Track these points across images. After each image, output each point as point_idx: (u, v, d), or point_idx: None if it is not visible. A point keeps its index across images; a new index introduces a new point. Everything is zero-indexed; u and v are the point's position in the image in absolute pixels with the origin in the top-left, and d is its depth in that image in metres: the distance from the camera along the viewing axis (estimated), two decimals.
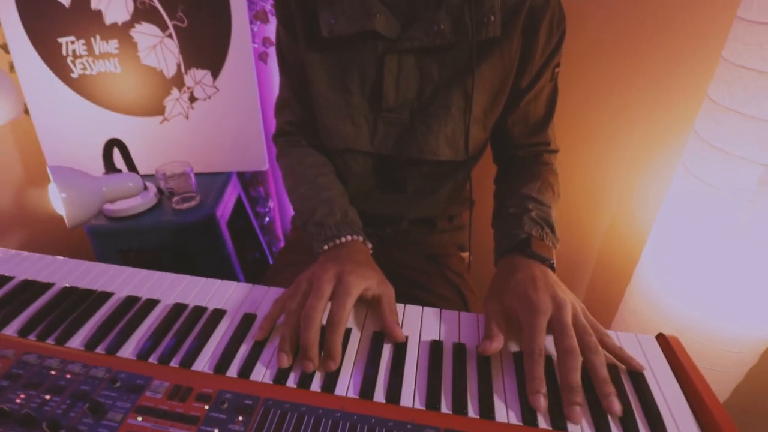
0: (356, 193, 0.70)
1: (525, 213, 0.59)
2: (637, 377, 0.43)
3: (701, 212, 0.67)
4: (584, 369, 0.42)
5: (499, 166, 0.76)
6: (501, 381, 0.42)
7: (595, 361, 0.41)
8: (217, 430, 0.36)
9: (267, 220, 1.40)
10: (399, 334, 0.46)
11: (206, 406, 0.38)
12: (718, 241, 0.65)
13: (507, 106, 0.66)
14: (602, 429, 0.38)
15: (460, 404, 0.39)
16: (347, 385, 0.41)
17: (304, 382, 0.41)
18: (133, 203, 0.98)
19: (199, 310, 0.49)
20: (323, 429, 0.36)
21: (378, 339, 0.46)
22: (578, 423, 0.38)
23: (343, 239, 0.56)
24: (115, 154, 1.02)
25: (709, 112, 0.63)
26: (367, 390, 0.40)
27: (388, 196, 0.73)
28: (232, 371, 0.42)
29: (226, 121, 1.12)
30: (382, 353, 0.45)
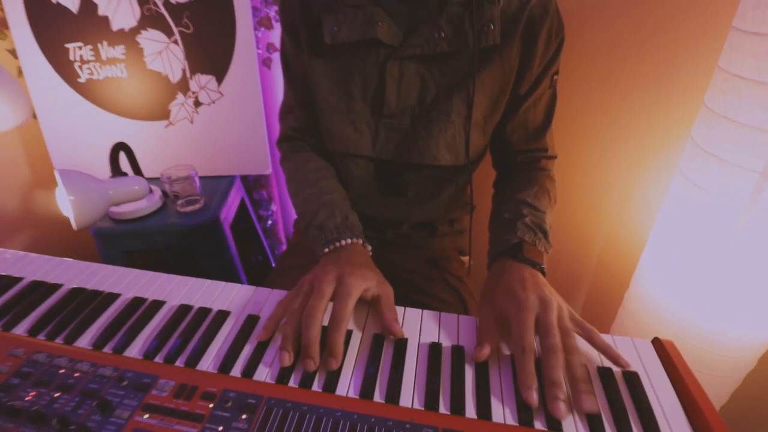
0: (358, 196, 0.71)
1: (519, 218, 0.60)
2: (632, 380, 0.44)
3: (698, 218, 0.67)
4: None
5: (498, 171, 0.77)
6: (498, 382, 0.43)
7: (573, 361, 0.43)
8: (221, 428, 0.37)
9: (270, 223, 1.41)
10: (398, 331, 0.47)
11: (211, 405, 0.39)
12: (715, 247, 0.66)
13: (506, 113, 0.67)
14: (597, 431, 0.39)
15: (457, 405, 0.40)
16: (348, 385, 0.42)
17: (306, 382, 0.42)
18: (138, 206, 0.99)
19: (204, 312, 0.50)
20: (324, 428, 0.37)
21: (378, 341, 0.47)
22: (562, 417, 0.40)
23: (343, 242, 0.57)
24: (121, 158, 1.03)
25: (705, 120, 0.64)
26: (367, 390, 0.41)
27: (389, 200, 0.74)
28: (236, 371, 0.43)
29: (230, 126, 1.13)
30: (382, 354, 0.45)
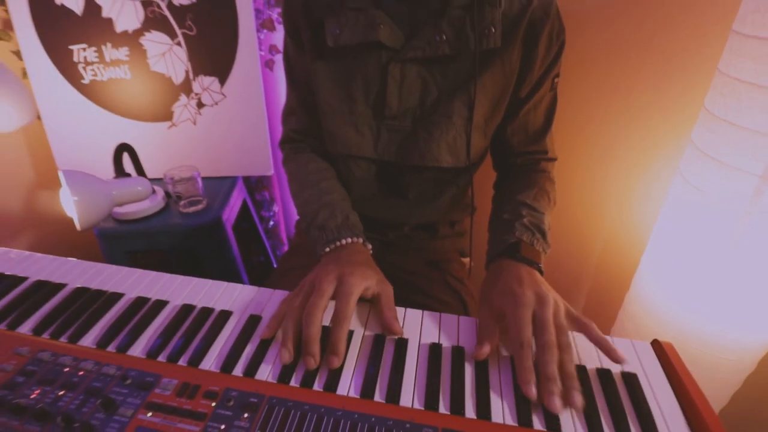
0: (359, 198, 0.71)
1: (517, 219, 0.60)
2: (631, 382, 0.44)
3: (698, 221, 0.68)
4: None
5: (499, 173, 0.77)
6: (498, 383, 0.43)
7: (564, 358, 0.44)
8: (223, 427, 0.38)
9: (271, 224, 1.42)
10: (397, 329, 0.48)
11: (213, 404, 0.40)
12: (715, 250, 0.66)
13: (507, 116, 0.67)
14: (595, 431, 0.39)
15: (457, 405, 0.41)
16: (349, 385, 0.42)
17: (307, 382, 0.42)
18: (141, 206, 1.00)
19: (207, 311, 0.51)
20: (325, 427, 0.38)
21: (379, 341, 0.47)
22: (557, 411, 0.40)
23: (343, 241, 0.58)
24: (124, 159, 1.04)
25: (705, 123, 0.64)
26: (367, 390, 0.42)
27: (391, 202, 0.74)
28: (238, 370, 0.43)
29: (233, 127, 1.14)
30: (383, 355, 0.46)
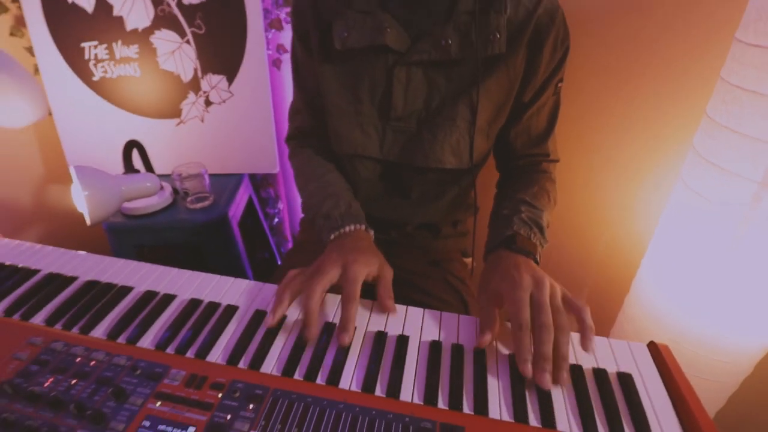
0: (364, 198, 0.73)
1: (516, 214, 0.62)
2: (626, 382, 0.45)
3: (698, 225, 0.68)
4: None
5: (501, 174, 0.79)
6: (495, 380, 0.45)
7: (561, 339, 0.45)
8: (229, 417, 0.39)
9: (276, 221, 1.43)
10: (390, 306, 0.52)
11: (220, 394, 0.41)
12: (714, 254, 0.67)
13: (510, 119, 0.68)
14: (589, 429, 0.40)
15: (456, 400, 0.42)
16: (350, 379, 0.44)
17: (311, 375, 0.43)
18: (149, 202, 1.01)
19: (214, 306, 0.52)
20: (327, 419, 0.39)
21: (380, 338, 0.48)
22: (546, 387, 0.43)
23: (347, 228, 0.61)
24: (133, 155, 1.06)
25: (707, 129, 0.65)
26: (369, 384, 0.43)
27: (394, 201, 0.75)
28: (244, 363, 0.45)
29: (240, 125, 1.16)
30: (384, 351, 0.47)
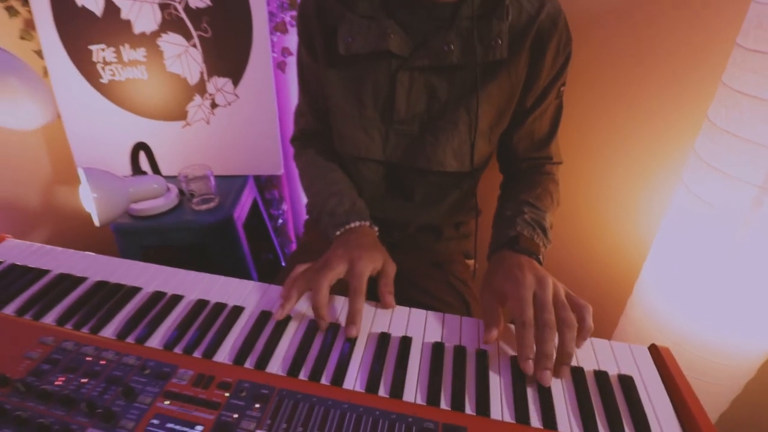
0: (368, 199, 0.74)
1: (519, 215, 0.62)
2: (627, 384, 0.45)
3: (700, 228, 0.69)
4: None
5: (505, 176, 0.80)
6: (497, 381, 0.45)
7: (566, 335, 0.45)
8: (236, 416, 0.40)
9: (280, 222, 1.44)
10: (389, 301, 0.53)
11: (227, 394, 0.42)
12: (716, 257, 0.67)
13: (513, 124, 0.69)
14: (590, 431, 0.41)
15: (458, 401, 0.42)
16: (354, 379, 0.44)
17: (315, 376, 0.44)
18: (156, 203, 1.03)
19: (220, 306, 0.53)
20: (332, 418, 0.40)
21: (384, 339, 0.49)
22: (546, 384, 0.44)
23: (352, 224, 0.62)
24: (140, 157, 1.07)
25: (708, 133, 0.66)
26: (372, 385, 0.44)
27: (397, 203, 0.76)
28: (250, 363, 0.46)
29: (245, 127, 1.17)
30: (388, 352, 0.48)
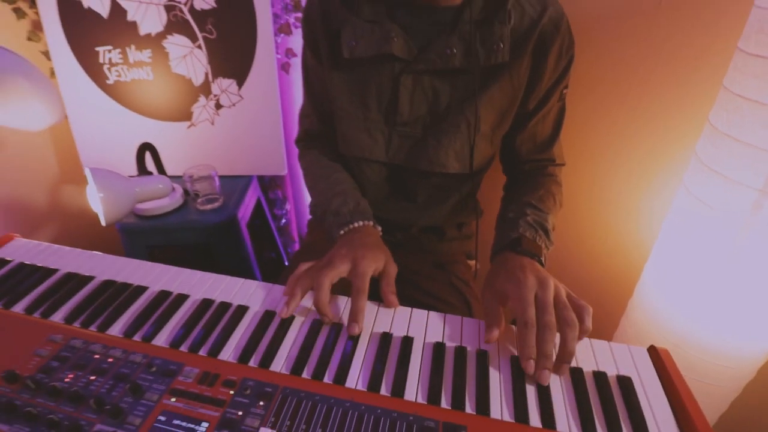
0: (371, 200, 0.74)
1: (521, 217, 0.63)
2: (626, 385, 0.46)
3: (701, 231, 0.69)
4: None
5: (508, 177, 0.80)
6: (497, 381, 0.46)
7: (568, 334, 0.46)
8: (241, 413, 0.41)
9: (283, 221, 1.46)
10: (392, 301, 0.54)
11: (231, 392, 0.43)
12: (716, 260, 0.68)
13: (515, 126, 0.70)
14: (588, 431, 0.41)
15: (458, 400, 0.43)
16: (357, 378, 0.45)
17: (318, 374, 0.45)
18: (161, 203, 1.04)
19: (225, 306, 0.54)
20: (334, 416, 0.41)
21: (386, 339, 0.50)
22: (544, 383, 0.45)
23: (356, 224, 0.63)
24: (146, 157, 1.08)
25: (709, 137, 0.66)
26: (374, 384, 0.44)
27: (400, 204, 0.77)
28: (254, 361, 0.47)
29: (249, 128, 1.18)
30: (389, 352, 0.49)
